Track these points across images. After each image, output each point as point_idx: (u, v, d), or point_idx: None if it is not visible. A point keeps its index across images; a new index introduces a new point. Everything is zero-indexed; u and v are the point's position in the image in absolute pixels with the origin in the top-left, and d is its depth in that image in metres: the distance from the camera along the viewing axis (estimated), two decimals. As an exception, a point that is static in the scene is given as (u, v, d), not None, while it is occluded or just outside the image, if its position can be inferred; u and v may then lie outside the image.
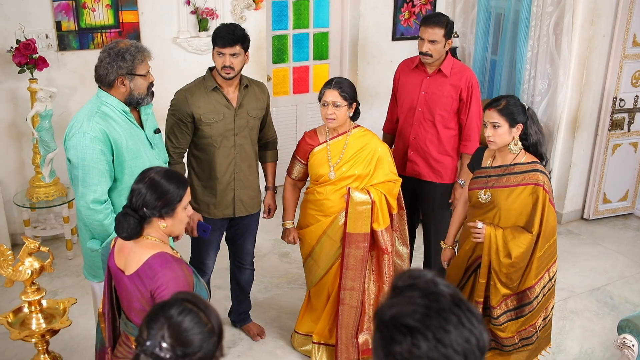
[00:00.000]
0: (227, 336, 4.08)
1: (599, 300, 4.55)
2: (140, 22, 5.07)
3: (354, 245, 3.45)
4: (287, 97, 6.13)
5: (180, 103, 3.41)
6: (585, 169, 5.61)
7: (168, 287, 2.15)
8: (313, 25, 6.05)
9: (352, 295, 3.56)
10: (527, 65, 5.51)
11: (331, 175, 3.47)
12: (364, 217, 3.41)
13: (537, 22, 5.37)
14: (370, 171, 3.47)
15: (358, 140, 3.48)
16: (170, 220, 2.29)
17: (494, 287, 3.21)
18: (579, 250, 5.25)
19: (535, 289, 3.21)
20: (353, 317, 3.61)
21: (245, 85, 3.49)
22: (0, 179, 4.94)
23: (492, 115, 3.08)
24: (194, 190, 3.57)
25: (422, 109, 3.89)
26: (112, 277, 2.38)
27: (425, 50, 3.76)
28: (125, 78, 2.82)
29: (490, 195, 3.18)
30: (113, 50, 2.81)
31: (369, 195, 3.40)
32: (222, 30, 3.33)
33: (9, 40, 4.64)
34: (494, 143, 3.11)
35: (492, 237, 3.15)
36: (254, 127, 3.57)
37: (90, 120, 2.77)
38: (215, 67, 3.42)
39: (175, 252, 2.38)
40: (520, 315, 3.27)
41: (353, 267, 3.50)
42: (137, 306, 2.25)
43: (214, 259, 3.79)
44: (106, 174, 2.79)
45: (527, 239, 3.12)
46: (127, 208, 2.27)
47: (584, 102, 5.35)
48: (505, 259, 3.14)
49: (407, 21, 6.16)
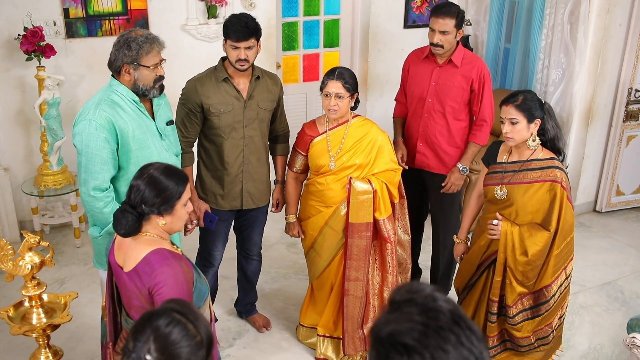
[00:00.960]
0: (232, 327, 4.08)
1: (609, 295, 4.49)
2: (149, 9, 5.02)
3: (357, 235, 3.43)
4: (297, 84, 6.07)
5: (190, 93, 3.38)
6: (598, 160, 5.52)
7: (166, 285, 2.12)
8: (324, 12, 5.97)
9: (357, 285, 3.54)
10: (541, 55, 5.41)
11: (331, 165, 3.44)
12: (366, 206, 3.39)
13: (551, 10, 5.27)
14: (371, 160, 3.44)
15: (358, 130, 3.45)
16: (169, 217, 2.26)
17: (509, 286, 3.17)
18: (591, 243, 5.18)
19: (552, 287, 3.16)
20: (358, 307, 3.60)
21: (257, 77, 3.44)
22: (9, 167, 4.94)
23: (509, 111, 3.01)
24: (203, 180, 3.55)
25: (432, 99, 3.82)
26: (113, 272, 2.36)
27: (436, 41, 3.69)
28: (130, 67, 2.81)
29: (507, 191, 3.13)
30: (123, 38, 2.82)
31: (370, 185, 3.38)
32: (234, 23, 3.26)
33: (17, 28, 4.62)
34: (512, 139, 3.05)
35: (508, 234, 3.10)
36: (265, 119, 3.52)
37: (98, 107, 2.77)
38: (227, 58, 3.37)
39: (175, 247, 2.35)
40: (536, 314, 3.22)
41: (356, 257, 3.48)
42: (136, 303, 2.23)
43: (222, 251, 3.76)
44: (109, 162, 2.78)
45: (544, 236, 3.06)
46: (125, 204, 2.24)
47: (599, 92, 5.25)
48: (521, 257, 3.09)
49: (419, 8, 6.07)
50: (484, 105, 3.74)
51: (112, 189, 2.82)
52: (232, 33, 3.25)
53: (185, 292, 2.16)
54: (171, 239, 2.99)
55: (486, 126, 3.80)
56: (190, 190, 2.32)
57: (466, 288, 3.44)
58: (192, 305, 1.61)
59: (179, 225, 2.32)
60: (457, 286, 3.53)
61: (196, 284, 2.27)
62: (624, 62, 5.21)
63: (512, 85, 5.87)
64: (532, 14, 5.50)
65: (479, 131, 3.84)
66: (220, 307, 4.21)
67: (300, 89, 6.10)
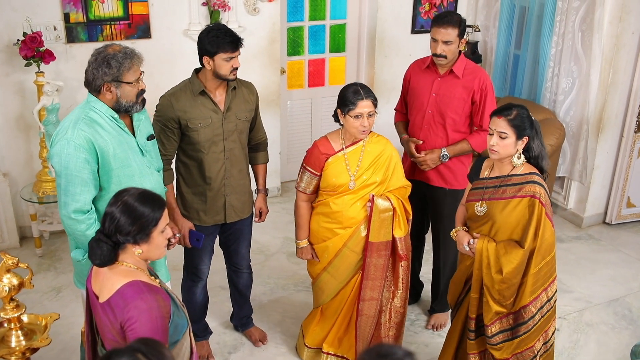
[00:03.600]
0: (228, 340, 4.01)
1: (616, 312, 4.35)
2: (150, 14, 4.96)
3: (376, 254, 3.35)
4: (302, 90, 5.99)
5: (165, 109, 3.28)
6: (609, 171, 5.38)
7: (139, 320, 2.04)
8: (330, 17, 5.88)
9: (371, 305, 3.47)
10: (551, 63, 5.29)
11: (351, 185, 3.32)
12: (386, 224, 3.31)
13: (562, 17, 5.14)
14: (388, 177, 3.37)
15: (375, 146, 3.36)
16: (146, 246, 2.17)
17: (486, 304, 3.07)
18: (599, 256, 5.04)
19: (530, 308, 3.02)
20: (370, 326, 3.52)
21: (234, 87, 3.37)
22: (8, 172, 4.91)
23: (500, 124, 2.91)
24: (184, 197, 3.47)
25: (432, 111, 3.72)
26: (89, 299, 2.28)
27: (439, 52, 3.58)
28: (111, 85, 2.70)
29: (487, 207, 3.03)
30: (100, 55, 2.68)
31: (390, 202, 3.30)
32: (225, 36, 3.17)
33: (17, 32, 4.57)
34: (496, 153, 2.95)
35: (483, 251, 3.02)
36: (244, 130, 3.45)
37: (76, 127, 2.66)
38: (200, 70, 3.28)
39: (152, 278, 2.26)
40: (515, 335, 3.10)
41: (373, 276, 3.40)
42: (109, 336, 2.15)
43: (209, 264, 3.69)
44: (90, 183, 2.69)
45: (519, 254, 2.95)
46: (99, 233, 2.16)
47: (610, 102, 5.11)
48: (496, 275, 2.99)
49: (427, 13, 5.96)
50: (485, 117, 3.63)
51: (94, 210, 2.73)
52: (227, 45, 3.17)
53: (159, 328, 2.08)
54: (156, 263, 2.93)
55: (486, 134, 3.66)
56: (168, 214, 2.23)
57: (456, 305, 3.37)
58: (161, 346, 1.53)
59: (157, 254, 2.23)
60: (450, 303, 3.45)
61: (173, 317, 2.18)
62: (636, 71, 5.06)
63: (522, 93, 5.74)
64: (542, 21, 5.37)
65: (477, 134, 3.72)
66: (216, 319, 4.14)
67: (305, 95, 6.02)
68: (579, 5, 5.01)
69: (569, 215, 5.56)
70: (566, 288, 4.57)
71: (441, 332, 4.11)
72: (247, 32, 5.27)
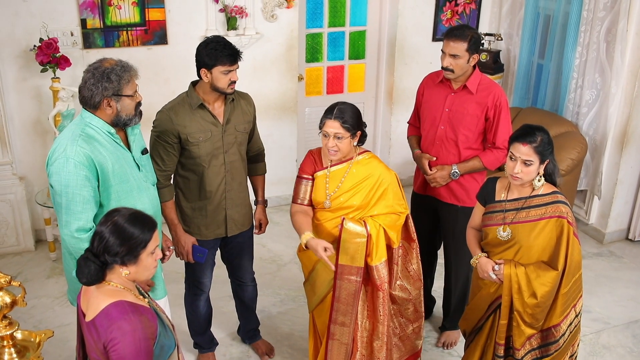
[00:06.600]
0: (235, 353, 3.98)
1: (635, 335, 4.21)
2: (167, 20, 4.96)
3: (346, 279, 3.16)
4: (320, 97, 5.93)
5: (164, 123, 3.23)
6: (633, 186, 5.22)
7: (122, 342, 2.01)
8: (350, 23, 5.81)
9: (343, 331, 3.26)
10: (575, 74, 5.15)
11: (327, 204, 3.22)
12: (359, 250, 3.12)
13: (587, 27, 5.00)
14: (371, 202, 3.18)
15: (362, 169, 3.20)
16: (134, 267, 2.14)
17: (517, 328, 3.00)
18: (620, 275, 4.89)
19: (562, 327, 3.00)
20: (343, 355, 3.31)
21: (232, 100, 3.32)
22: (25, 176, 4.94)
23: (525, 151, 2.79)
24: (183, 212, 3.42)
25: (444, 127, 3.62)
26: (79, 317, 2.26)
27: (446, 64, 3.49)
28: (111, 99, 2.66)
29: (511, 231, 2.94)
30: (97, 71, 2.64)
31: (365, 228, 3.12)
32: (224, 49, 3.12)
33: (34, 37, 4.60)
34: (520, 180, 2.85)
35: (512, 277, 2.94)
36: (243, 142, 3.42)
37: (74, 143, 2.62)
38: (212, 84, 3.19)
39: (141, 298, 2.23)
40: (545, 354, 3.06)
41: (345, 301, 3.21)
42: (94, 356, 2.12)
43: (211, 277, 3.65)
44: (91, 200, 2.66)
45: (552, 276, 2.89)
46: (88, 252, 2.13)
47: (634, 115, 4.95)
48: (530, 299, 2.93)
49: (449, 21, 5.85)
50: (499, 133, 3.52)
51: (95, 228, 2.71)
52: (226, 58, 3.12)
53: (143, 350, 2.04)
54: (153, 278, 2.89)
55: (499, 152, 3.56)
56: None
57: (473, 331, 3.27)
58: None
59: (145, 275, 2.20)
60: (463, 329, 3.35)
61: (159, 338, 2.15)
62: (663, 84, 4.90)
63: (545, 104, 5.60)
64: (566, 30, 5.23)
65: (490, 151, 3.60)
66: (223, 330, 4.11)
67: (323, 102, 5.93)
68: (604, 16, 4.87)
69: (590, 231, 5.41)
70: (584, 308, 4.42)
71: (452, 351, 4.02)
72: (265, 39, 5.24)
